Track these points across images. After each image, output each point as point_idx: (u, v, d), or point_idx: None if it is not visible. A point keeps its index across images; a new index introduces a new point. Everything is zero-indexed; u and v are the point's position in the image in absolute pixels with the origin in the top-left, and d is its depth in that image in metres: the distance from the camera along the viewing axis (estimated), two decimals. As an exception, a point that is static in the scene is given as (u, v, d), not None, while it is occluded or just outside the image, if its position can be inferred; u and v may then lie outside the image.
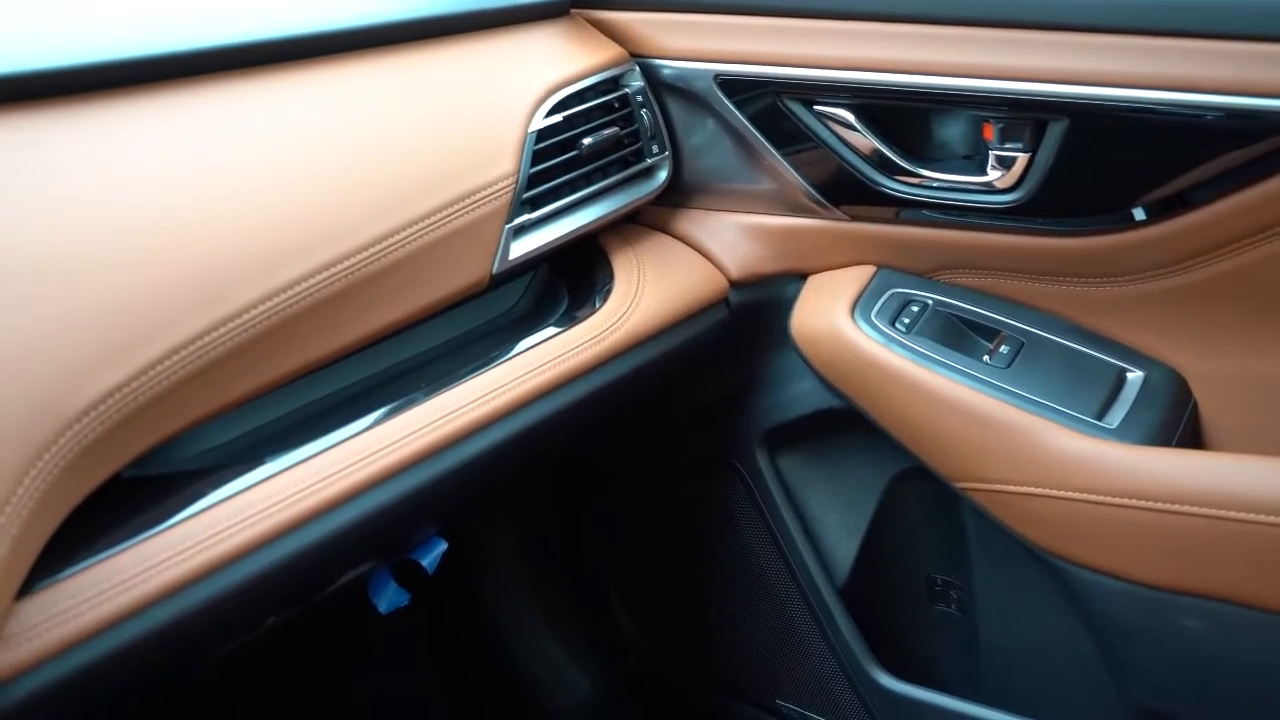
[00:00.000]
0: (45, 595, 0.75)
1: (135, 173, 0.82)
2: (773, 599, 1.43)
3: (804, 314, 1.25)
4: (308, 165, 0.91)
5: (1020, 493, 1.10)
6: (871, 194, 1.19)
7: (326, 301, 0.89)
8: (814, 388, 1.27)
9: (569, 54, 1.19)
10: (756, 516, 1.40)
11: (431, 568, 1.17)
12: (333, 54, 1.00)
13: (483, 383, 1.03)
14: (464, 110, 1.06)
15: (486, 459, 1.02)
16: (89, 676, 0.76)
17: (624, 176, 1.22)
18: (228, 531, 0.83)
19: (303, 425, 0.95)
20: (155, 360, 0.78)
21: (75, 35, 0.89)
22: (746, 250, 1.28)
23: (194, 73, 0.89)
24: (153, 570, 0.78)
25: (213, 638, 0.89)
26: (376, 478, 0.93)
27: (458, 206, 1.00)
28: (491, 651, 1.68)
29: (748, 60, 1.19)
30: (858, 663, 1.35)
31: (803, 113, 1.18)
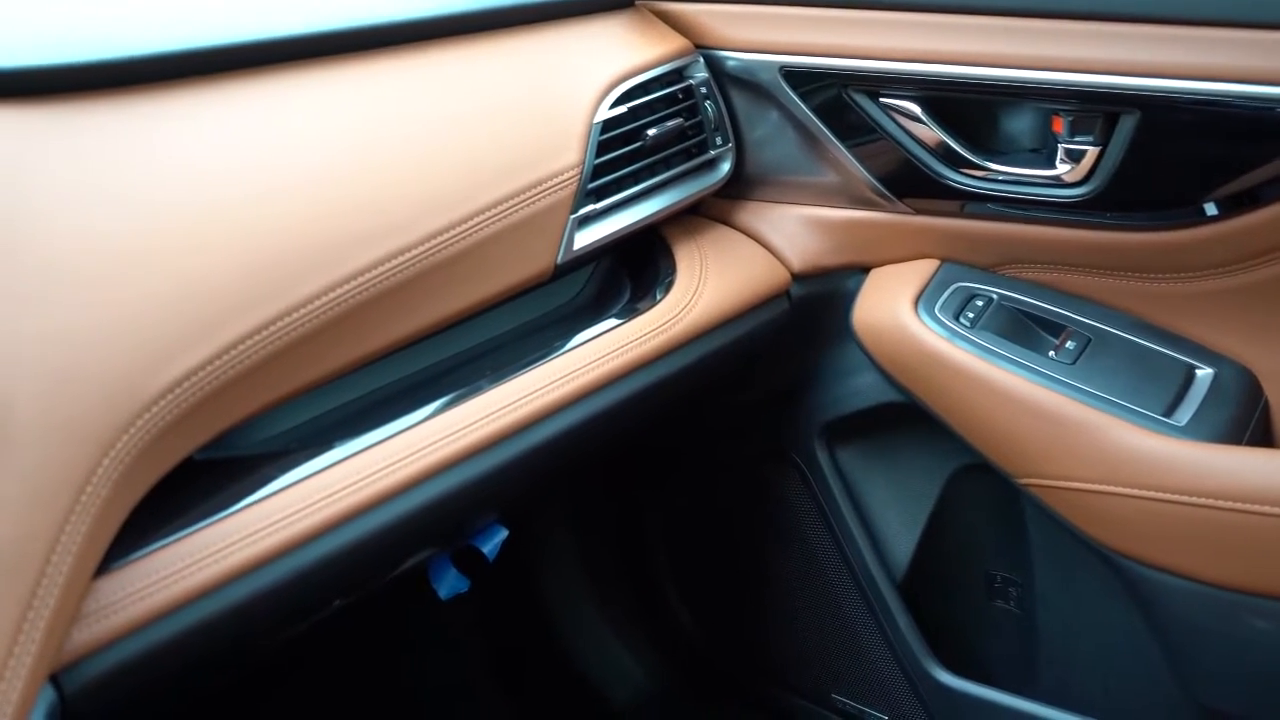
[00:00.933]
0: (121, 574, 0.76)
1: (209, 162, 0.83)
2: (829, 593, 1.43)
3: (866, 307, 1.24)
4: (377, 155, 0.92)
5: (1085, 490, 1.09)
6: (936, 187, 1.18)
7: (394, 290, 0.90)
8: (875, 381, 1.27)
9: (634, 45, 1.19)
10: (814, 510, 1.40)
11: (492, 555, 1.18)
12: (402, 44, 1.01)
13: (546, 372, 1.03)
14: (531, 101, 1.06)
15: (548, 448, 1.03)
16: (162, 654, 0.77)
17: (687, 168, 1.22)
18: (299, 514, 0.84)
19: (369, 411, 0.96)
20: (228, 345, 0.79)
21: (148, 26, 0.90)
22: (808, 243, 1.27)
23: (268, 62, 0.91)
24: (226, 551, 0.80)
25: (282, 618, 0.91)
26: (442, 464, 0.94)
27: (524, 196, 1.01)
28: (544, 640, 1.69)
29: (813, 52, 1.19)
30: (915, 658, 1.35)
31: (868, 105, 1.18)
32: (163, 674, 0.79)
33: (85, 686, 0.73)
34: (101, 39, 0.84)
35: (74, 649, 0.73)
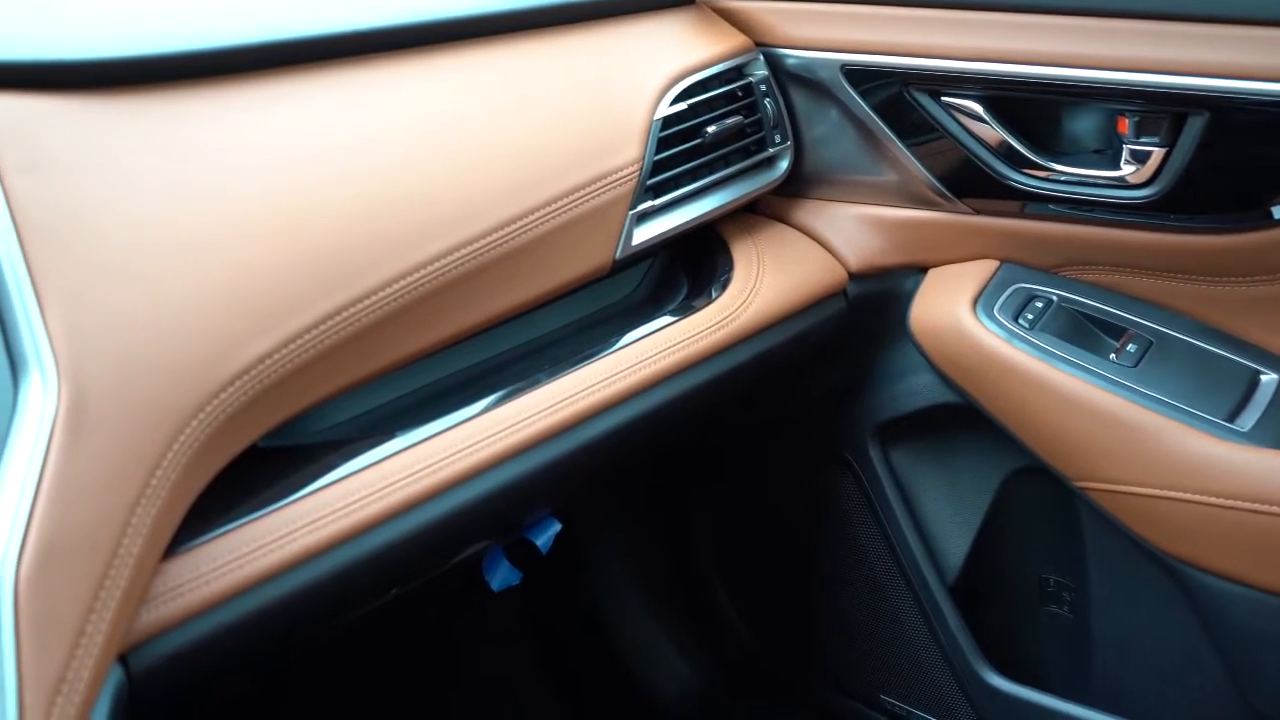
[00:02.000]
0: (188, 558, 0.78)
1: (280, 151, 0.84)
2: (879, 593, 1.42)
3: (924, 307, 1.24)
4: (443, 147, 0.93)
5: (1144, 494, 1.08)
6: (997, 187, 1.17)
7: (457, 281, 0.91)
8: (931, 382, 1.26)
9: (695, 42, 1.20)
10: (866, 510, 1.39)
11: (545, 548, 1.18)
12: (469, 39, 1.01)
13: (602, 367, 1.04)
14: (592, 96, 1.07)
15: (603, 443, 1.03)
16: (226, 636, 0.79)
17: (745, 165, 1.22)
18: (360, 502, 0.85)
19: (429, 403, 0.97)
20: (295, 334, 0.80)
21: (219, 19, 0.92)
22: (866, 242, 1.27)
23: (336, 56, 0.92)
24: (289, 537, 0.81)
25: (341, 605, 0.92)
26: (499, 457, 0.94)
27: (585, 191, 1.02)
28: (592, 635, 1.70)
29: (875, 50, 1.18)
30: (965, 660, 1.34)
31: (929, 104, 1.17)
32: (226, 656, 0.81)
33: (152, 666, 0.75)
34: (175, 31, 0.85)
35: (142, 629, 0.74)
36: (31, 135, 0.72)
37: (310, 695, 1.52)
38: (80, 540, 0.65)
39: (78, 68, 0.77)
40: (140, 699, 0.74)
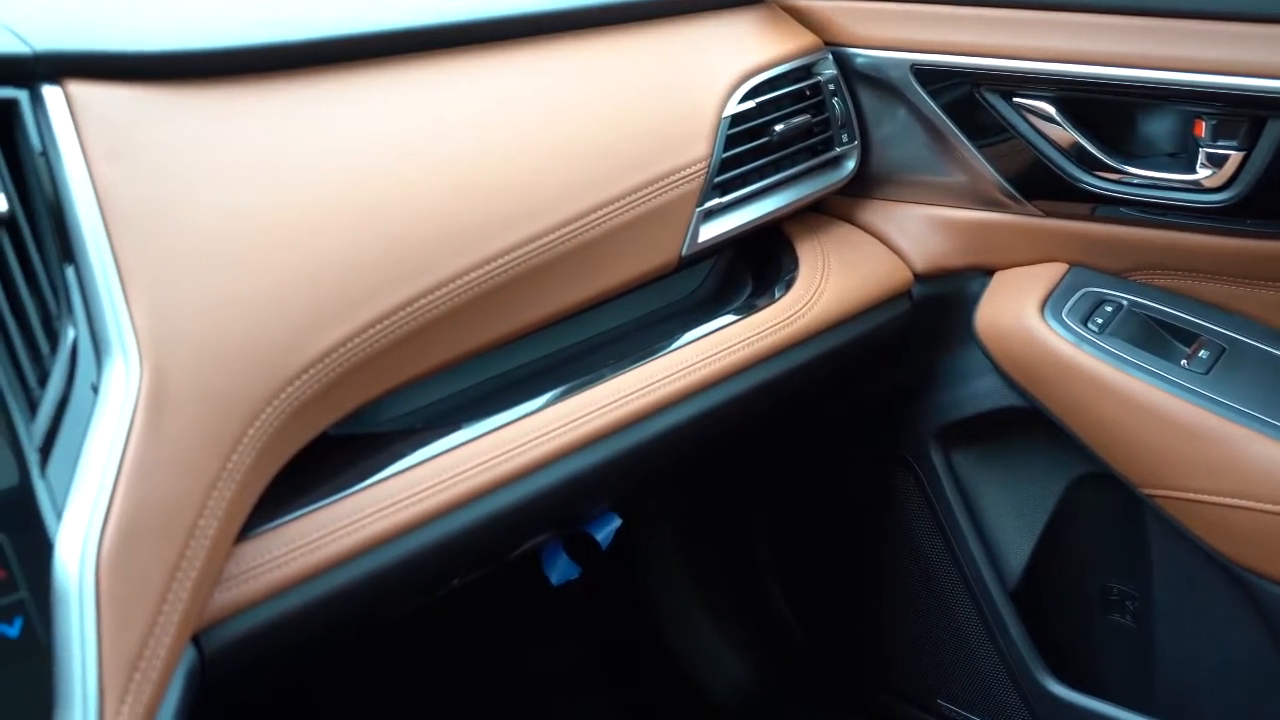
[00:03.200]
0: (260, 541, 0.79)
1: (358, 143, 0.86)
2: (939, 597, 1.41)
3: (990, 310, 1.23)
4: (516, 142, 0.94)
5: (1214, 503, 1.06)
6: (1068, 189, 1.16)
7: (527, 275, 0.92)
8: (995, 385, 1.25)
9: (764, 41, 1.19)
10: (927, 513, 1.38)
11: (605, 542, 1.19)
12: (541, 35, 1.02)
13: (666, 364, 1.04)
14: (663, 93, 1.07)
15: (666, 439, 1.04)
16: (296, 619, 0.80)
17: (812, 165, 1.22)
18: (427, 492, 0.86)
19: (495, 395, 0.98)
20: (368, 324, 0.81)
21: (301, 12, 0.93)
22: (932, 243, 1.26)
23: (413, 50, 0.93)
24: (358, 523, 0.82)
25: (405, 592, 0.93)
26: (563, 450, 0.95)
27: (654, 187, 1.02)
28: (647, 632, 1.70)
29: (946, 50, 1.18)
30: (1025, 667, 1.33)
31: (1001, 105, 1.16)
32: (295, 639, 0.82)
33: (224, 647, 0.76)
34: (259, 23, 0.87)
35: (215, 611, 0.75)
36: (119, 124, 0.74)
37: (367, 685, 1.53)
38: (159, 520, 0.67)
39: (165, 59, 0.78)
40: (211, 679, 0.76)
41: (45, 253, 0.70)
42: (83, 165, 0.71)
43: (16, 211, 0.69)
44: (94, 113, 0.73)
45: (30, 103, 0.72)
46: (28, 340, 0.68)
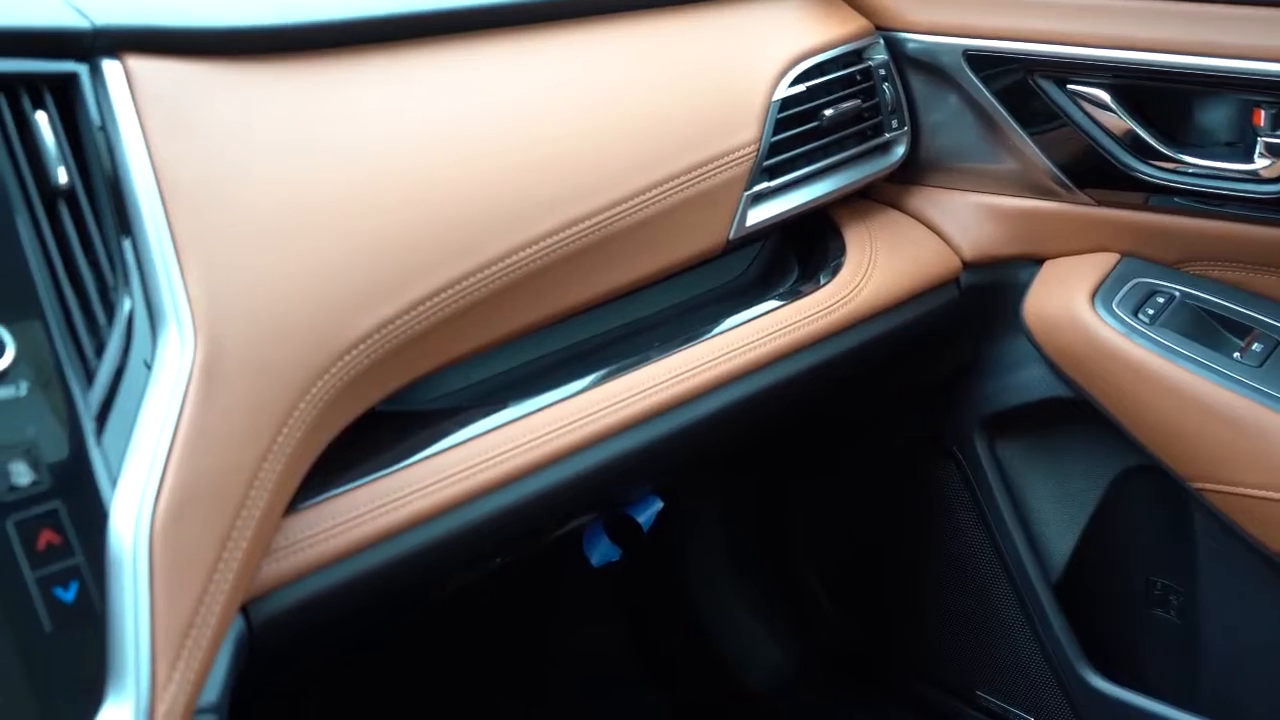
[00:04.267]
0: (308, 515, 0.80)
1: (412, 122, 0.86)
2: (980, 588, 1.40)
3: (1039, 299, 1.22)
4: (566, 122, 0.94)
5: (1265, 497, 1.05)
6: (1121, 178, 1.15)
7: (576, 255, 0.92)
8: (1042, 375, 1.24)
9: (815, 25, 1.19)
10: (969, 503, 1.37)
11: (647, 525, 1.19)
12: (593, 16, 1.02)
13: (712, 347, 1.04)
14: (713, 76, 1.07)
15: (710, 423, 1.03)
16: (342, 593, 0.81)
17: (861, 150, 1.21)
18: (472, 470, 0.86)
19: (540, 375, 0.98)
20: (417, 301, 0.82)
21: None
22: (981, 231, 1.25)
23: (464, 29, 0.93)
24: (405, 499, 0.83)
25: (449, 569, 0.94)
26: (607, 431, 0.95)
27: (702, 170, 1.02)
28: (685, 616, 1.70)
29: (999, 35, 1.16)
30: (1067, 660, 1.32)
31: (1054, 91, 1.15)
32: (341, 612, 0.83)
33: (271, 618, 0.77)
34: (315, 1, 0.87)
35: (263, 582, 0.76)
36: (176, 99, 0.75)
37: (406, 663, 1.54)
38: (212, 491, 0.68)
39: (222, 34, 0.79)
40: (258, 650, 0.77)
41: (103, 225, 0.71)
42: (140, 139, 0.72)
43: (76, 184, 0.70)
44: (152, 87, 0.74)
45: (90, 77, 0.72)
46: (85, 311, 0.69)
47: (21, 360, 0.64)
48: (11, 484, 0.62)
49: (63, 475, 0.64)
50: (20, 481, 0.62)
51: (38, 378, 0.64)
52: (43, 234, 0.68)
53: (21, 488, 0.62)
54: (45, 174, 0.69)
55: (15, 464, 0.63)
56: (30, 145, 0.69)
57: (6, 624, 0.61)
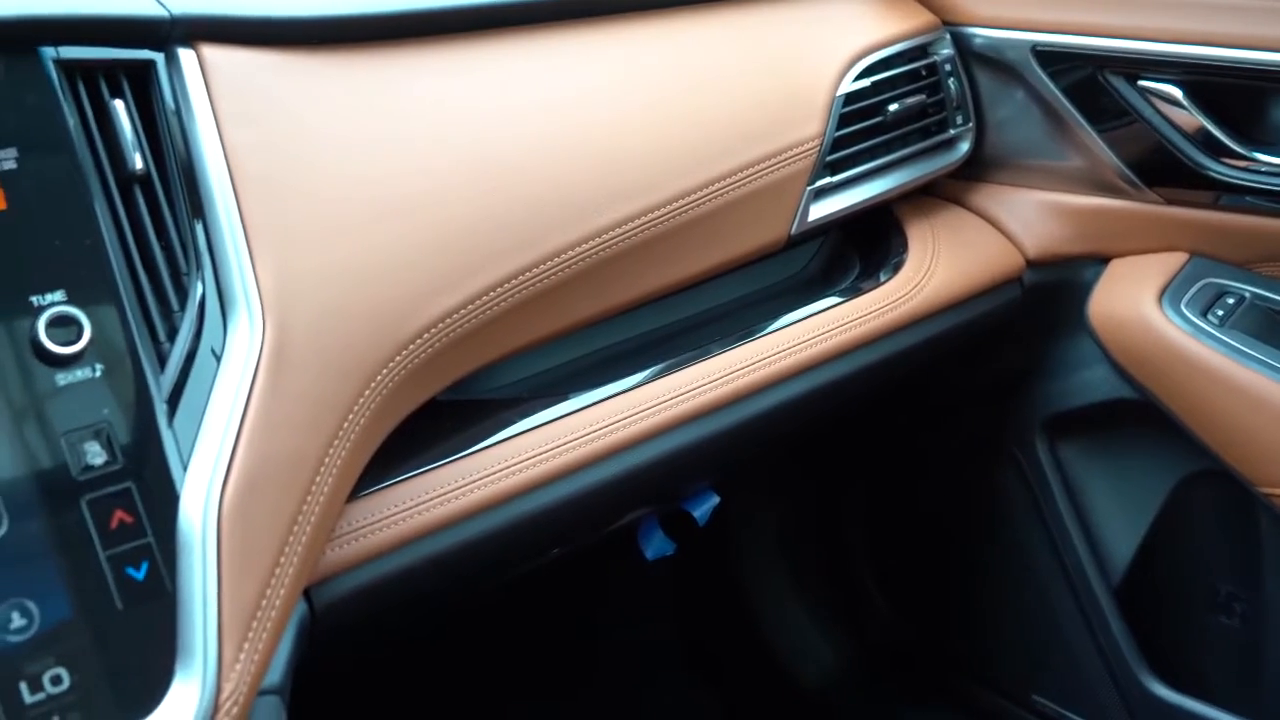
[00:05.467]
0: (371, 501, 0.81)
1: (480, 113, 0.86)
2: (1038, 590, 1.39)
3: (1105, 299, 1.20)
4: (631, 114, 0.94)
5: (1336, 505, 1.03)
6: (1191, 176, 1.13)
7: (637, 248, 0.92)
8: (1106, 376, 1.22)
9: (880, 19, 1.18)
10: (1029, 504, 1.36)
11: (703, 520, 1.19)
12: (659, 9, 1.02)
13: (772, 342, 1.04)
14: (777, 69, 1.06)
15: (770, 418, 1.03)
16: (401, 580, 0.81)
17: (925, 146, 1.20)
18: (533, 460, 0.87)
19: (601, 367, 0.99)
20: (481, 291, 0.82)
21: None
22: (1046, 229, 1.23)
23: (533, 21, 0.93)
24: (466, 488, 0.83)
25: (508, 558, 0.94)
26: (668, 424, 0.95)
27: (765, 164, 1.01)
28: (736, 612, 1.70)
29: (1068, 30, 1.15)
30: (1126, 665, 1.30)
31: (1125, 88, 1.13)
32: (399, 598, 0.84)
33: (333, 603, 0.78)
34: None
35: (326, 566, 0.77)
36: (250, 88, 0.76)
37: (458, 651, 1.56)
38: (279, 475, 0.68)
39: (295, 24, 0.80)
40: (319, 633, 0.78)
41: (176, 211, 0.72)
42: (214, 127, 0.73)
43: (150, 170, 0.72)
44: (225, 76, 0.75)
45: (166, 65, 0.74)
46: (158, 295, 0.70)
47: (97, 342, 0.65)
48: (86, 464, 0.63)
49: (135, 456, 0.65)
50: (94, 461, 0.64)
51: (112, 360, 0.66)
52: (119, 219, 0.69)
53: (95, 468, 0.64)
54: (122, 160, 0.70)
55: (90, 444, 0.64)
56: (107, 131, 0.70)
57: (79, 601, 0.62)
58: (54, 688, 0.60)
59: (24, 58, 0.67)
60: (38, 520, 0.62)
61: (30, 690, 0.60)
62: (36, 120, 0.67)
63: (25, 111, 0.66)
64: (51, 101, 0.67)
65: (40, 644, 0.60)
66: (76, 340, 0.64)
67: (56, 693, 0.60)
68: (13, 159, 0.65)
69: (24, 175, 0.65)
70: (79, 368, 0.64)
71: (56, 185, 0.66)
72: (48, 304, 0.64)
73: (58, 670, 0.60)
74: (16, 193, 0.65)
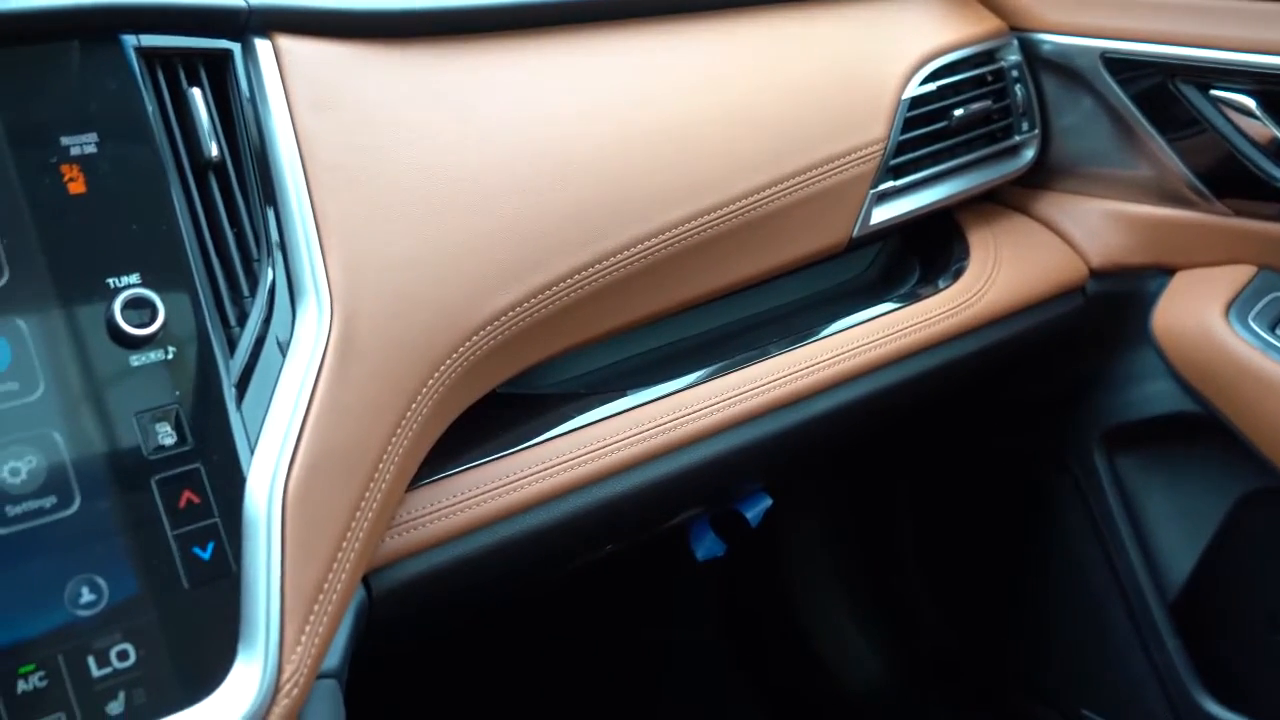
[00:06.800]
0: (429, 490, 0.82)
1: (551, 108, 0.87)
2: (1093, 604, 1.37)
3: (1170, 311, 1.18)
4: (699, 113, 0.94)
5: (1405, 526, 1.00)
6: (1263, 188, 1.11)
7: (699, 247, 0.92)
8: (1168, 389, 1.20)
9: (948, 23, 1.17)
10: (1085, 517, 1.34)
11: (755, 521, 1.19)
12: (728, 9, 1.02)
13: (830, 345, 1.04)
14: (844, 72, 1.06)
15: (825, 421, 1.03)
16: (457, 570, 0.82)
17: (989, 152, 1.19)
18: (590, 455, 0.87)
19: (660, 365, 0.99)
20: (545, 285, 0.83)
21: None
22: (1111, 239, 1.22)
23: (607, 18, 0.94)
24: (524, 480, 0.84)
25: (562, 552, 0.95)
26: (725, 423, 0.95)
27: (830, 166, 1.01)
28: (784, 614, 1.69)
29: (1139, 38, 1.13)
30: (1180, 682, 1.28)
31: (1196, 97, 1.11)
32: (454, 588, 0.84)
33: (391, 590, 0.79)
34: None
35: (384, 554, 0.78)
36: (323, 78, 0.76)
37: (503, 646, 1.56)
38: (344, 461, 0.69)
39: (369, 17, 0.80)
40: (374, 621, 0.78)
41: (249, 198, 0.73)
42: (287, 116, 0.74)
43: (225, 157, 0.73)
44: (300, 66, 0.76)
45: (242, 54, 0.75)
46: (230, 281, 0.71)
47: (170, 325, 0.66)
48: (157, 444, 0.64)
49: (204, 438, 0.66)
50: (165, 442, 0.65)
51: (184, 343, 0.67)
52: (193, 205, 0.70)
53: (166, 448, 0.65)
54: (198, 147, 0.71)
55: (161, 425, 0.65)
56: (184, 119, 0.71)
57: (147, 579, 0.63)
58: (120, 663, 0.61)
59: (107, 45, 0.69)
60: (109, 498, 0.63)
61: (97, 665, 0.61)
62: (117, 106, 0.68)
63: (106, 98, 0.68)
64: (132, 88, 0.69)
65: (108, 619, 0.61)
66: (150, 323, 0.65)
67: (122, 668, 0.61)
68: (93, 143, 0.67)
69: (103, 160, 0.66)
70: (152, 349, 0.66)
71: (134, 170, 0.68)
72: (124, 286, 0.65)
73: (124, 646, 0.62)
74: (96, 176, 0.66)
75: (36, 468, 0.61)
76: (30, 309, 0.63)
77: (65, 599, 0.61)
